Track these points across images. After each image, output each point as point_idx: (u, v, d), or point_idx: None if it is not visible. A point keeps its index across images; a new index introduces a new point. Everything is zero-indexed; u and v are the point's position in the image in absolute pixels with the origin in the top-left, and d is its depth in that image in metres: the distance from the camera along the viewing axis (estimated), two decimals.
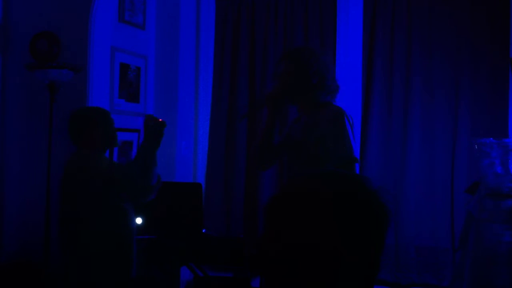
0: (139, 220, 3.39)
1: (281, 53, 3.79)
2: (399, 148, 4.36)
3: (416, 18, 4.35)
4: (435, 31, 4.32)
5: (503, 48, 4.18)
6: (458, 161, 4.25)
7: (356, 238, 0.95)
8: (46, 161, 3.49)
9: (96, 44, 3.86)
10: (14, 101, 3.95)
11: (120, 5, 4.29)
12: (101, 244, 2.82)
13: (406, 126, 4.34)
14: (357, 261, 0.95)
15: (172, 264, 3.41)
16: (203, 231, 3.40)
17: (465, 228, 3.82)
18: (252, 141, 4.46)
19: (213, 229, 4.48)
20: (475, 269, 3.62)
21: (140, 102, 4.57)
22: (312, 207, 0.94)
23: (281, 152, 2.89)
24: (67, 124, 2.96)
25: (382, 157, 4.40)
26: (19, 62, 3.86)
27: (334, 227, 0.94)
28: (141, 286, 3.90)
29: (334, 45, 4.54)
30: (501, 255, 3.57)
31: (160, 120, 2.96)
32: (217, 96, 4.78)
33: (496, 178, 3.65)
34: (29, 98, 3.90)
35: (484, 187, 3.68)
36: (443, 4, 4.32)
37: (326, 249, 0.93)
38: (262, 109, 2.82)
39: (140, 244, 3.44)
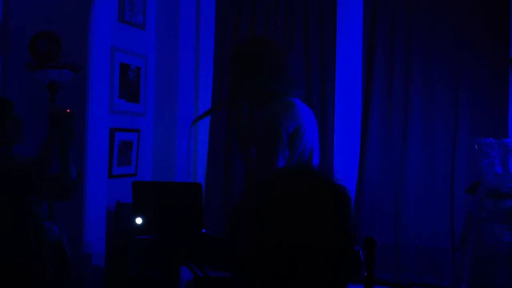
0: (139, 220, 3.39)
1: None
2: (399, 148, 4.36)
3: (416, 18, 4.35)
4: (435, 31, 4.31)
5: (503, 48, 4.18)
6: (458, 161, 4.25)
7: (347, 233, 0.96)
8: None
9: (96, 44, 3.86)
10: (14, 101, 3.94)
11: (120, 5, 4.29)
12: None
13: (406, 126, 4.34)
14: (350, 256, 0.96)
15: (172, 264, 3.41)
16: (203, 231, 3.40)
17: (465, 228, 3.82)
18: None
19: (213, 229, 4.47)
20: (475, 269, 3.62)
21: (140, 102, 4.57)
22: (310, 207, 0.94)
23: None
24: None
25: (382, 157, 4.40)
26: (19, 62, 3.86)
27: (331, 226, 0.94)
28: (141, 286, 3.90)
29: (334, 45, 4.54)
30: (501, 255, 3.56)
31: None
32: (217, 96, 4.78)
33: (496, 178, 3.65)
34: (29, 98, 3.89)
35: (484, 187, 3.68)
36: (443, 4, 4.32)
37: (325, 249, 0.93)
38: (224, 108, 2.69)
39: (140, 244, 3.44)
